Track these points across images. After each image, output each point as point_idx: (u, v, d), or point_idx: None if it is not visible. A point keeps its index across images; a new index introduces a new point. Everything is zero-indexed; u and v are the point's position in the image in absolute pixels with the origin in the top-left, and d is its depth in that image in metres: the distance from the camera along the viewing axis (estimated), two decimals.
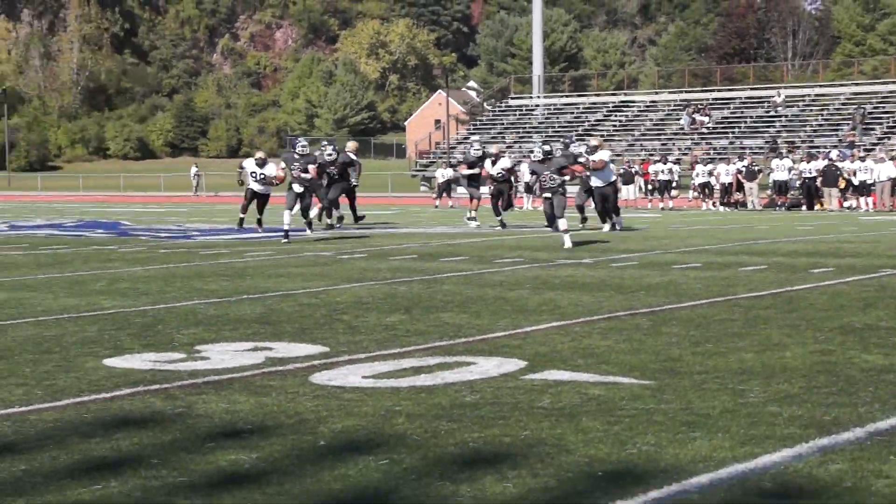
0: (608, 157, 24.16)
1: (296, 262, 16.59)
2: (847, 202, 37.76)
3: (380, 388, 6.93)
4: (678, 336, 8.95)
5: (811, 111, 61.28)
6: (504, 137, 63.43)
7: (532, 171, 19.60)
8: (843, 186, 37.69)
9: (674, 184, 42.04)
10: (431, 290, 12.49)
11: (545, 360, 7.86)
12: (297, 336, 9.12)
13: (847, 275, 13.87)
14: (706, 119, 62.18)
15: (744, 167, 40.08)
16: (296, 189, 20.71)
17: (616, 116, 67.34)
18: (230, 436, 5.77)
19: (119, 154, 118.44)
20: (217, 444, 5.58)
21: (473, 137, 48.51)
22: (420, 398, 6.62)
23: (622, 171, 39.43)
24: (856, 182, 37.38)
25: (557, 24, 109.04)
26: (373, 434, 5.77)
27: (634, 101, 69.57)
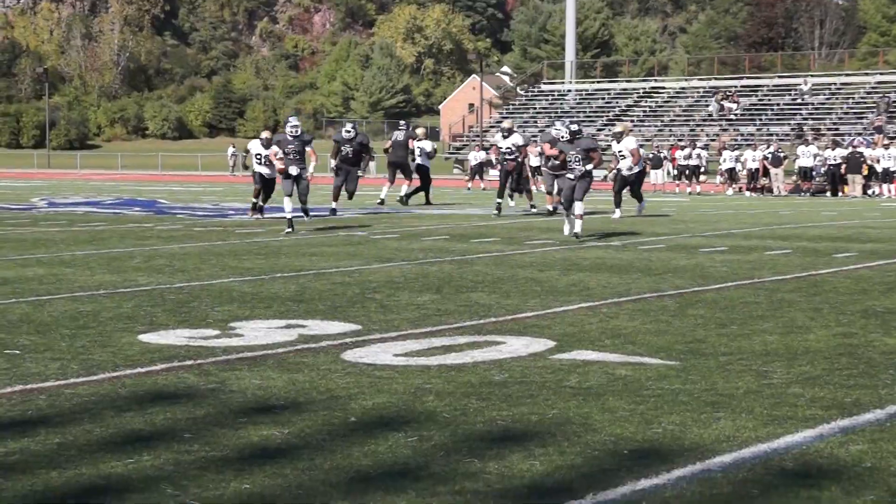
0: (635, 144, 24.02)
1: (329, 242, 16.67)
2: (870, 189, 37.86)
3: (410, 367, 7.00)
4: (704, 318, 9.00)
5: (837, 99, 61.38)
6: (536, 122, 63.46)
7: (560, 151, 19.35)
8: (867, 173, 37.74)
9: (702, 169, 42.19)
10: (462, 271, 12.55)
11: (573, 341, 7.92)
12: (330, 314, 9.20)
13: (869, 260, 13.95)
14: (734, 106, 62.14)
15: (770, 153, 40.18)
16: (291, 172, 19.52)
17: (646, 102, 67.60)
18: (262, 411, 5.84)
19: (157, 134, 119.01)
20: (249, 420, 5.65)
21: (513, 122, 48.24)
22: (450, 376, 6.69)
23: (650, 157, 39.42)
24: (879, 169, 37.59)
25: (590, 12, 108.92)
26: (403, 411, 5.84)
27: (664, 88, 69.84)
